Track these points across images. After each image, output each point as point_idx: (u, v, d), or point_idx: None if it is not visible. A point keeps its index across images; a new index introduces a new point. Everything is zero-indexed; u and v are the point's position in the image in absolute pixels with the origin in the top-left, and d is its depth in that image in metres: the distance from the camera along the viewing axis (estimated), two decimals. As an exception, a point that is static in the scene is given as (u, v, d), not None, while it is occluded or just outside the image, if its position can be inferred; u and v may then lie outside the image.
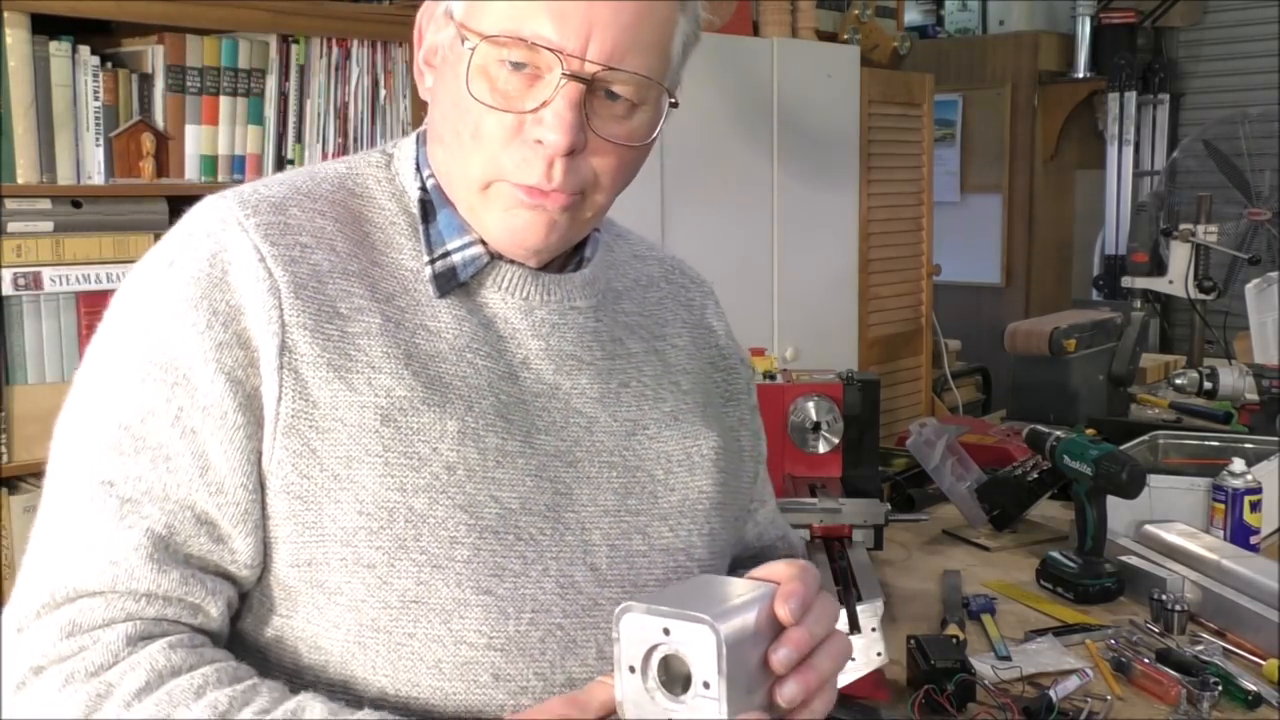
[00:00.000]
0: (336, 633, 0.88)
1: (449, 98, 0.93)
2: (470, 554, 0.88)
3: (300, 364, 0.88)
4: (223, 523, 0.86)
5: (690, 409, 1.04)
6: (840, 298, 3.87)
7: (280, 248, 0.90)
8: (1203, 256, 3.20)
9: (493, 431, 0.92)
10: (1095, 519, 1.83)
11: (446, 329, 0.94)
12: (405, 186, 0.99)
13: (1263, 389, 2.65)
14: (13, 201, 2.16)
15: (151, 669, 0.81)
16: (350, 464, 0.87)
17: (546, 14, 0.87)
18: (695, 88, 3.60)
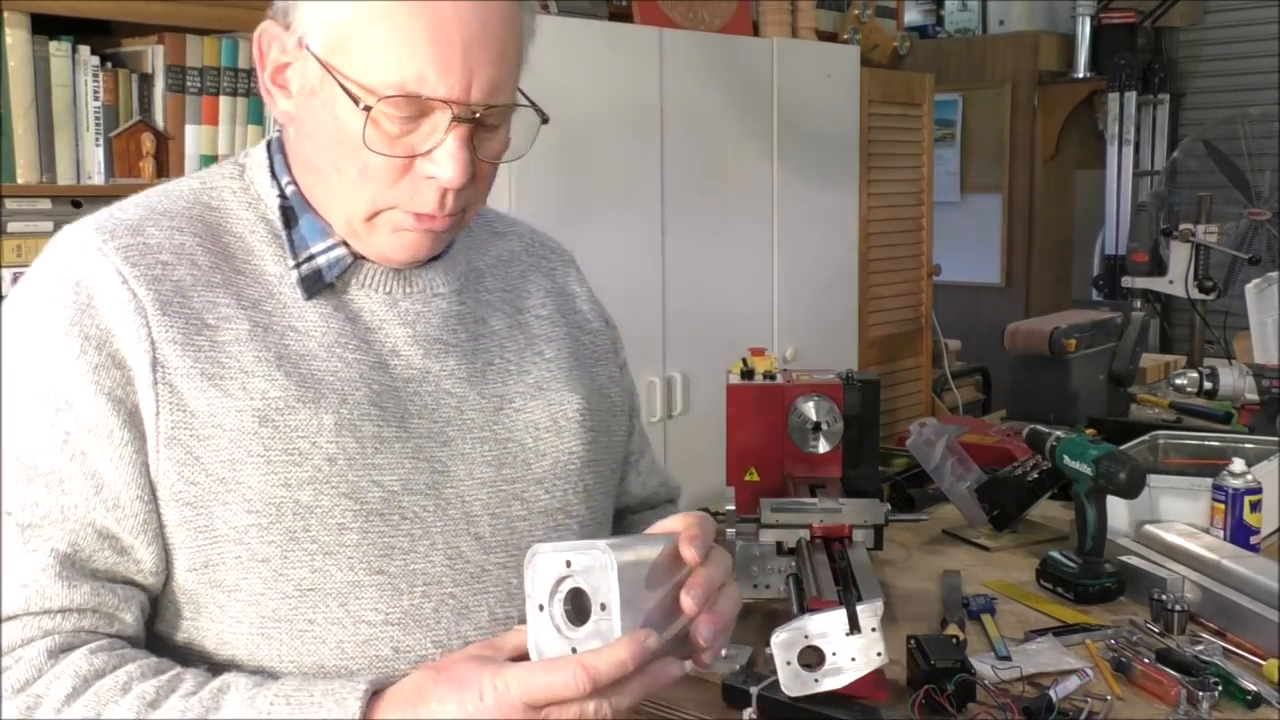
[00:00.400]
0: (240, 627, 0.93)
1: (326, 134, 0.95)
2: (359, 538, 0.94)
3: (174, 377, 0.92)
4: (123, 535, 0.91)
5: (554, 376, 1.10)
6: (840, 298, 3.87)
7: (140, 268, 0.94)
8: (1203, 256, 3.20)
9: (368, 420, 0.96)
10: (1095, 519, 1.83)
11: (314, 328, 0.98)
12: (261, 194, 1.02)
13: (1263, 389, 2.64)
14: (13, 201, 2.16)
15: (76, 675, 0.86)
16: (234, 466, 0.92)
17: (432, 67, 0.91)
18: (695, 88, 3.61)
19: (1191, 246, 3.19)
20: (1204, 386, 2.77)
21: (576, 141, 2.98)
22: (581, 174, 2.99)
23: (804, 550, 1.68)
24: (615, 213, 3.07)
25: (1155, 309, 4.59)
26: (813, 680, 1.34)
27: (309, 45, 0.95)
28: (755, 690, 1.43)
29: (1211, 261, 3.23)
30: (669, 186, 3.20)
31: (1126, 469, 1.78)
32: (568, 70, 2.93)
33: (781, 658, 1.34)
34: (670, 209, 3.21)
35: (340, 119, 0.94)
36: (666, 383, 3.24)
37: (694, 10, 3.37)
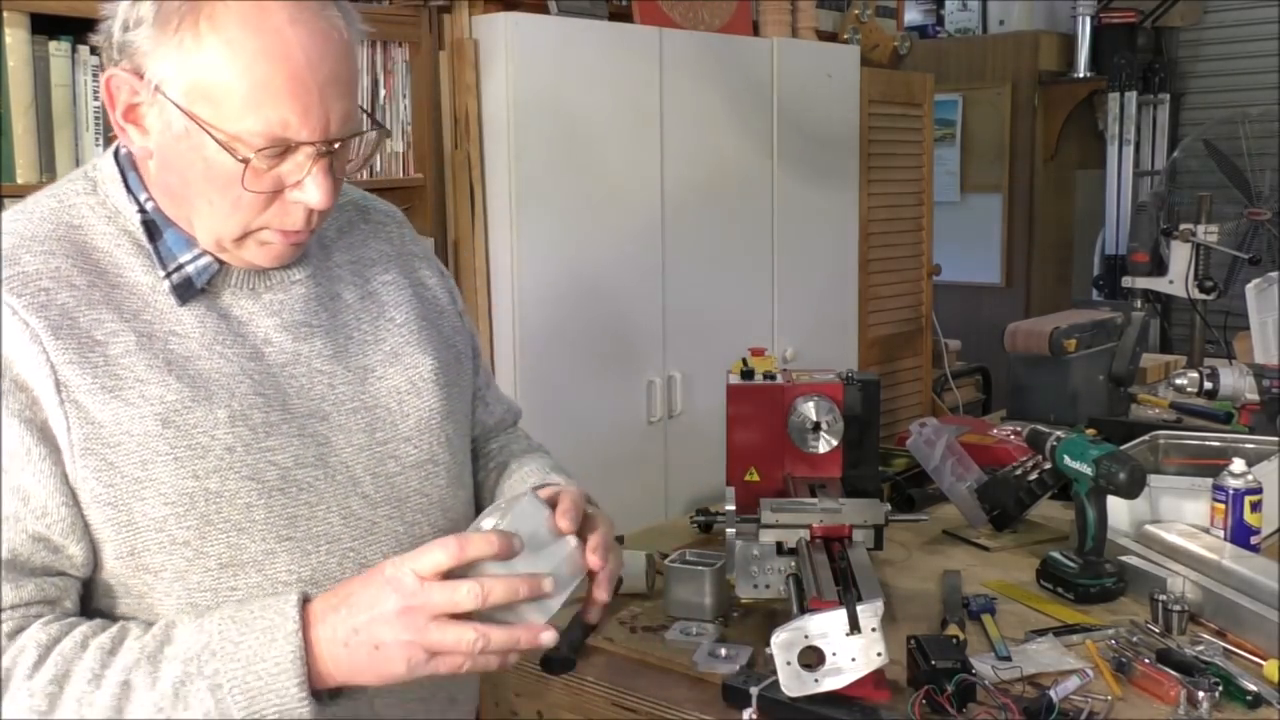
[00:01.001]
0: (169, 600, 1.05)
1: (195, 172, 1.04)
2: (266, 513, 1.06)
3: (77, 394, 1.01)
4: (54, 537, 1.01)
5: (406, 340, 1.22)
6: (840, 298, 3.87)
7: (25, 297, 1.02)
8: (1203, 256, 3.20)
9: (256, 409, 1.08)
10: (1095, 519, 1.83)
11: (192, 330, 1.08)
12: (120, 208, 1.10)
13: (1263, 389, 2.64)
14: (13, 201, 2.16)
15: (37, 645, 0.97)
16: (145, 466, 1.02)
17: (294, 115, 1.01)
18: (695, 88, 3.61)
19: (1191, 246, 3.19)
20: (1204, 386, 2.77)
21: (576, 141, 2.98)
22: (581, 174, 2.99)
23: (804, 550, 1.68)
24: (615, 212, 3.07)
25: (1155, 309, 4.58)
26: (813, 680, 1.34)
27: (166, 93, 1.03)
28: (755, 690, 1.43)
29: (1211, 261, 3.23)
30: (669, 186, 3.20)
31: (1126, 469, 1.78)
32: (568, 70, 2.93)
33: (781, 658, 1.34)
34: (670, 209, 3.21)
35: (209, 160, 1.02)
36: (666, 383, 3.24)
37: (694, 10, 3.37)
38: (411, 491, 1.17)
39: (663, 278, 3.20)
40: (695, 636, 1.66)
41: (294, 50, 1.01)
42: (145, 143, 1.07)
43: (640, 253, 3.15)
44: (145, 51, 1.03)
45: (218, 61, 1.00)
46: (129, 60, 1.05)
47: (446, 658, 0.99)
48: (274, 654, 0.97)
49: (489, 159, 2.90)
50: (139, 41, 1.04)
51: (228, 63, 1.00)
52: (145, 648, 0.98)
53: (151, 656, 0.98)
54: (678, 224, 3.23)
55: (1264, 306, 3.00)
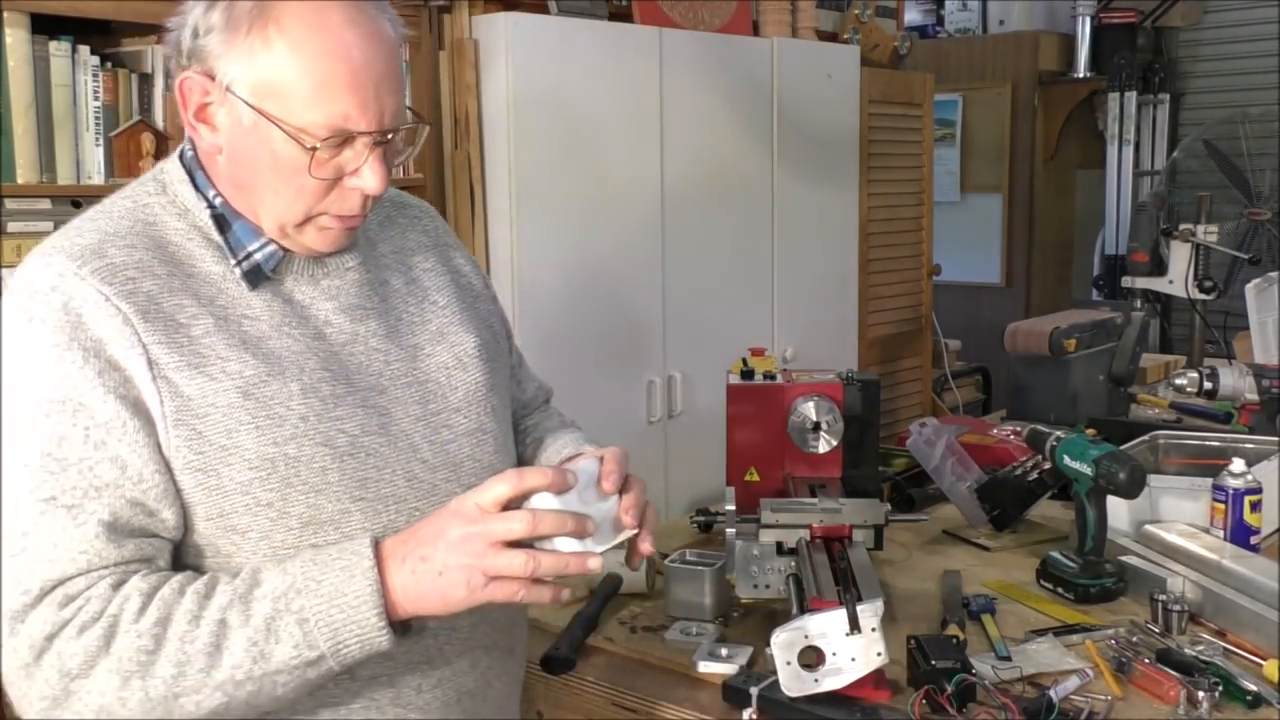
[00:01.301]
0: (255, 559, 1.13)
1: (263, 163, 1.15)
2: (339, 476, 1.16)
3: (167, 371, 1.11)
4: (149, 502, 1.10)
5: (449, 320, 1.33)
6: (840, 298, 3.87)
7: (115, 285, 1.12)
8: (1203, 256, 3.20)
9: (324, 383, 1.18)
10: (1095, 519, 1.83)
11: (262, 314, 1.18)
12: (189, 206, 1.20)
13: (1263, 389, 2.64)
14: (13, 201, 2.16)
15: (140, 592, 1.07)
16: (230, 435, 1.12)
17: (355, 106, 1.13)
18: (695, 88, 3.60)
19: (1191, 246, 3.19)
20: (1204, 386, 2.77)
21: (576, 141, 2.98)
22: (581, 174, 2.99)
23: (804, 550, 1.68)
24: (615, 212, 3.07)
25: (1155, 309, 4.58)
26: (813, 680, 1.34)
27: (236, 91, 1.13)
28: (755, 690, 1.43)
29: (1211, 261, 3.23)
30: (669, 186, 3.20)
31: (1126, 469, 1.78)
32: (568, 70, 2.93)
33: (781, 658, 1.34)
34: (670, 209, 3.21)
35: (276, 151, 1.13)
36: (667, 383, 3.24)
37: (694, 10, 3.37)
38: (465, 457, 1.27)
39: (663, 277, 3.20)
40: (695, 636, 1.66)
41: (352, 50, 1.12)
42: (215, 139, 1.17)
43: (640, 252, 3.15)
44: (217, 55, 1.13)
45: (284, 61, 1.11)
46: (200, 64, 1.14)
47: (502, 583, 1.09)
48: (354, 589, 1.07)
49: (489, 159, 2.90)
50: (211, 46, 1.13)
51: (293, 62, 1.11)
52: (237, 590, 1.08)
53: (243, 597, 1.07)
54: (678, 224, 3.23)
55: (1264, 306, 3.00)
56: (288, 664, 1.07)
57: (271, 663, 1.06)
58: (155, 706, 1.05)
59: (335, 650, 1.07)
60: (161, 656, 1.05)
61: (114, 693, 1.04)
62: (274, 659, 1.06)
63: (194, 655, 1.05)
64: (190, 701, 1.05)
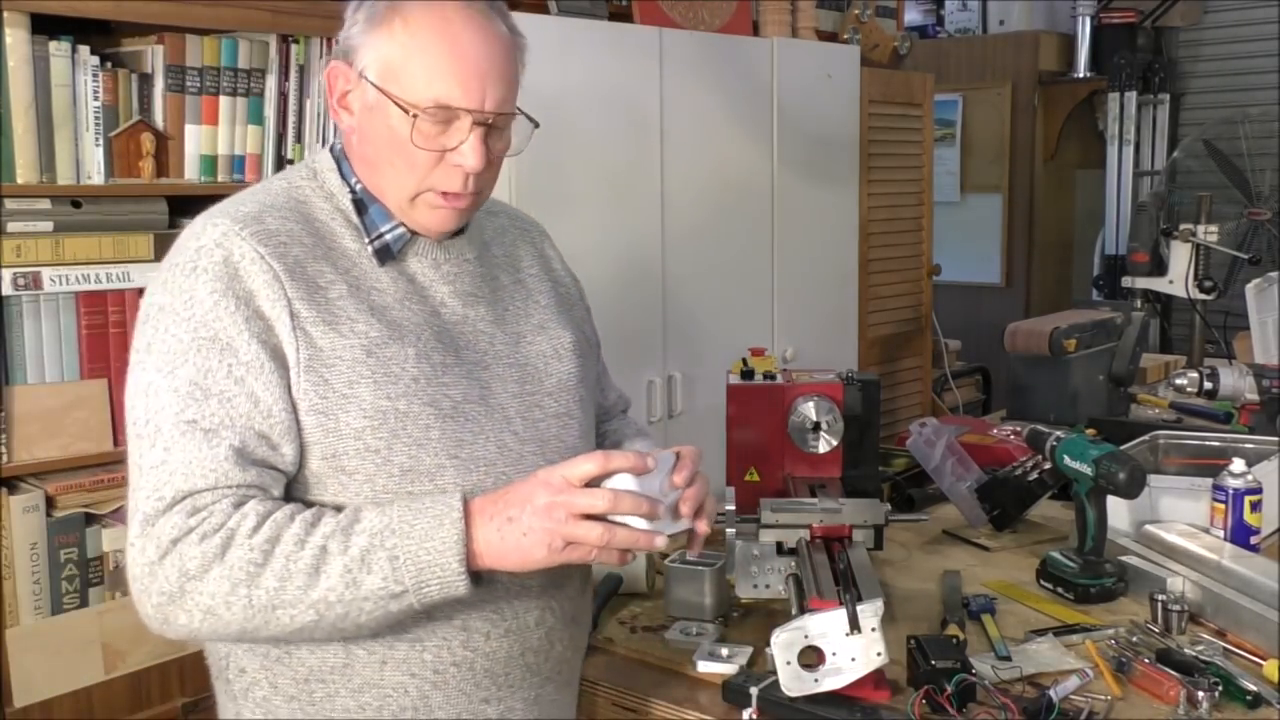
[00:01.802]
0: (359, 499, 1.26)
1: (382, 139, 1.31)
2: (440, 434, 1.30)
3: (305, 324, 1.26)
4: (274, 436, 1.25)
5: (550, 317, 1.49)
6: (840, 298, 3.87)
7: (270, 247, 1.28)
8: (1203, 256, 3.20)
9: (435, 351, 1.33)
10: (1095, 519, 1.83)
11: (388, 288, 1.34)
12: (334, 191, 1.37)
13: (1263, 389, 2.64)
14: (13, 201, 2.16)
15: (256, 514, 1.20)
16: (351, 385, 1.27)
17: (459, 85, 1.28)
18: (695, 88, 3.59)
19: (1191, 246, 3.19)
20: (1204, 386, 2.77)
21: (576, 141, 2.98)
22: (582, 174, 2.99)
23: (804, 550, 1.68)
24: (615, 212, 3.07)
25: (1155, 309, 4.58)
26: (813, 680, 1.34)
27: (367, 76, 1.30)
28: (755, 690, 1.43)
29: (1211, 261, 3.23)
30: (669, 186, 3.20)
31: (1126, 469, 1.78)
32: (568, 70, 2.93)
33: (781, 658, 1.34)
34: (670, 209, 3.21)
35: (393, 127, 1.29)
36: (667, 383, 3.24)
37: (694, 10, 3.37)
38: (551, 436, 1.40)
39: (663, 277, 3.20)
40: (695, 636, 1.66)
41: (462, 40, 1.28)
42: (351, 122, 1.34)
43: (640, 252, 3.15)
44: (357, 46, 1.32)
45: (403, 46, 1.28)
46: (345, 56, 1.33)
47: (578, 548, 1.21)
48: (441, 534, 1.20)
49: (489, 159, 2.89)
50: (354, 38, 1.32)
51: (410, 46, 1.28)
52: (340, 523, 1.21)
53: (345, 529, 1.20)
54: (677, 224, 3.23)
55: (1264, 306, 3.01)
56: (375, 593, 1.19)
57: (361, 590, 1.18)
58: (255, 614, 1.18)
59: (418, 588, 1.19)
60: (267, 570, 1.18)
61: (223, 596, 1.17)
62: (364, 587, 1.18)
63: (295, 573, 1.18)
64: (286, 615, 1.19)
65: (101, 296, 2.25)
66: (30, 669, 2.19)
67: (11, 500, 2.17)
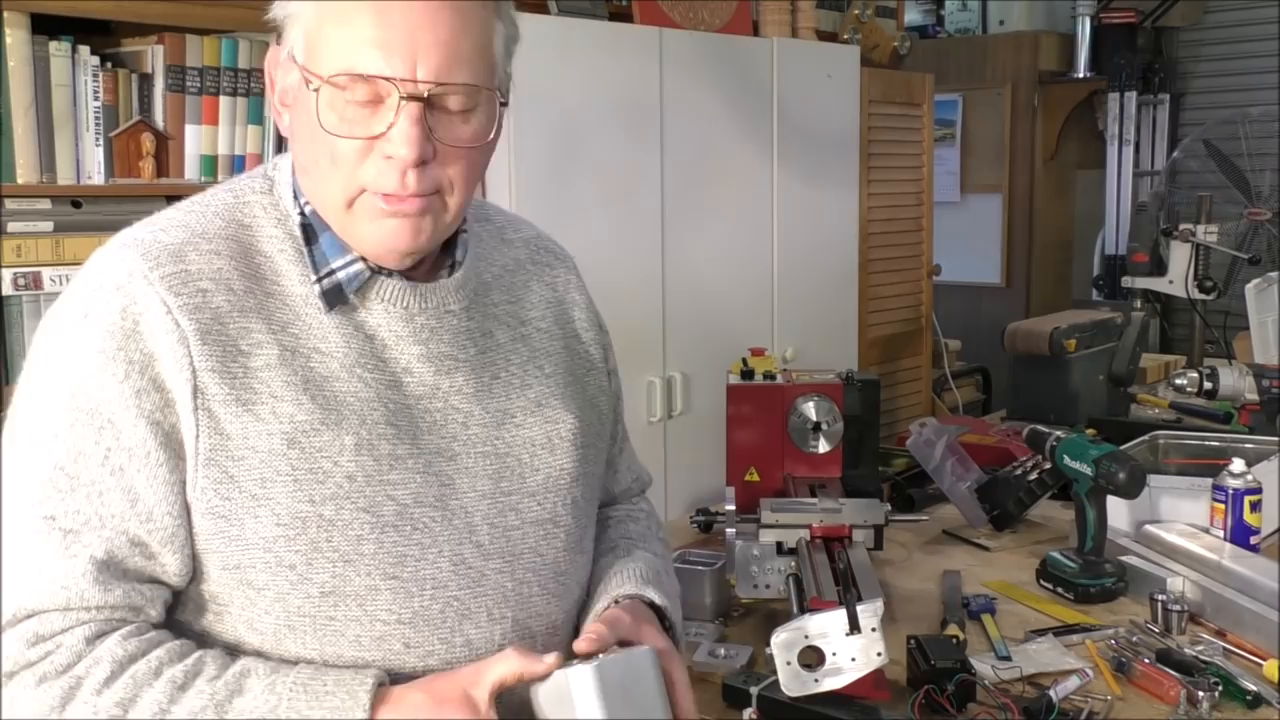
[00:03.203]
0: (268, 618, 1.02)
1: (305, 132, 1.03)
2: (375, 548, 1.03)
3: (212, 403, 1.00)
4: (153, 544, 0.99)
5: (551, 392, 1.18)
6: (840, 298, 3.87)
7: (183, 297, 1.01)
8: (1203, 256, 3.20)
9: (384, 439, 1.05)
10: (1095, 519, 1.83)
11: (336, 349, 1.06)
12: (288, 210, 1.09)
13: (1263, 389, 2.64)
14: (13, 201, 2.15)
15: (113, 659, 0.95)
16: (264, 484, 1.00)
17: (376, 48, 0.99)
18: (695, 88, 3.59)
19: (1191, 246, 3.19)
20: (1204, 386, 2.77)
21: (577, 141, 2.98)
22: (581, 174, 2.99)
23: (804, 550, 1.68)
24: (615, 213, 3.07)
25: (1155, 309, 4.58)
26: (813, 680, 1.34)
27: (295, 58, 1.03)
28: (755, 690, 1.43)
29: (1211, 261, 3.23)
30: (669, 186, 3.20)
31: (1126, 469, 1.78)
32: (568, 70, 2.93)
33: (781, 658, 1.34)
34: (670, 209, 3.21)
35: (311, 113, 1.01)
36: (666, 383, 3.24)
37: (694, 10, 3.37)
38: (527, 549, 1.12)
39: (662, 277, 3.20)
40: (695, 636, 1.66)
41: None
42: (288, 120, 1.08)
43: (640, 253, 3.15)
44: (285, 23, 1.06)
45: (320, 9, 1.02)
46: (280, 40, 1.06)
47: None
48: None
49: (489, 159, 2.89)
50: (278, 12, 1.06)
51: (327, 9, 1.01)
52: (215, 695, 0.96)
53: (219, 706, 0.95)
54: (677, 224, 3.23)
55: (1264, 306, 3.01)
56: None
57: None
58: None
59: None
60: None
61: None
62: None
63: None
64: None
65: (101, 296, 2.25)
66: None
67: (11, 500, 2.17)
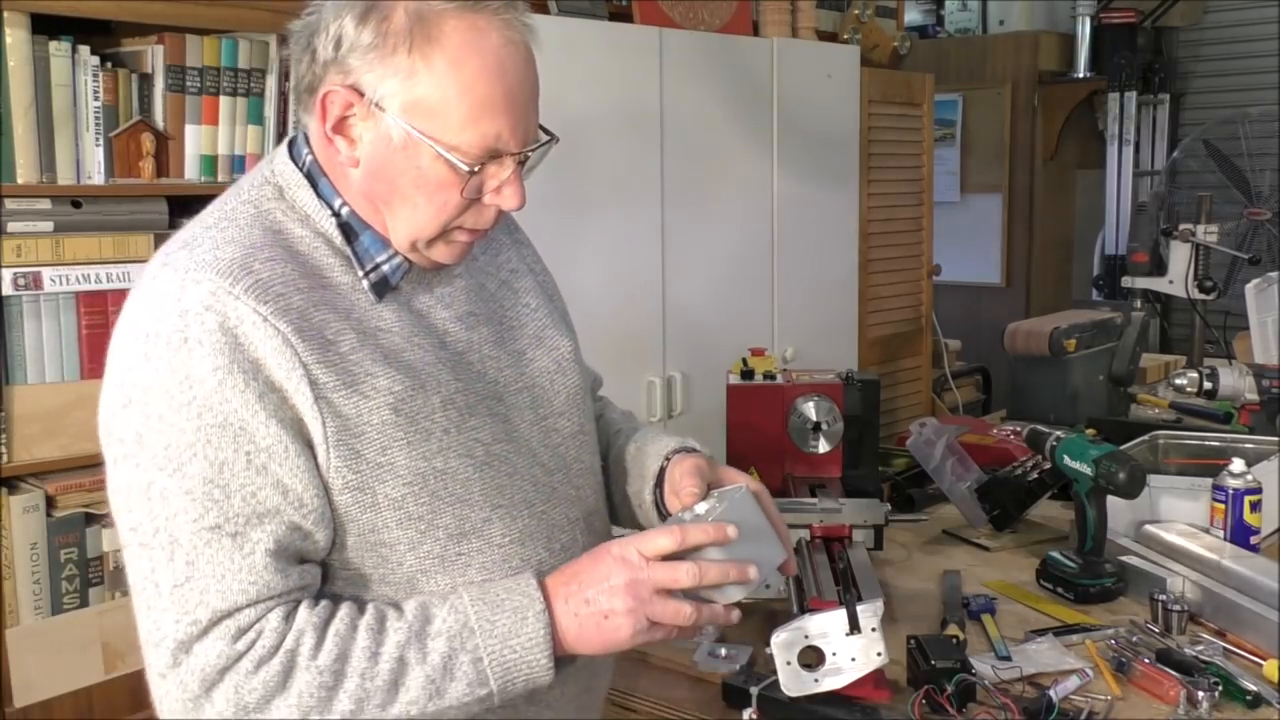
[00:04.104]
0: (400, 569, 1.15)
1: (407, 180, 1.14)
2: (481, 485, 1.18)
3: (326, 392, 1.10)
4: (307, 525, 1.11)
5: (544, 323, 1.34)
6: (840, 298, 3.87)
7: (270, 304, 1.09)
8: (1203, 256, 3.20)
9: (458, 393, 1.19)
10: (1095, 519, 1.83)
11: (393, 325, 1.18)
12: (310, 213, 1.18)
13: (1263, 389, 2.64)
14: (13, 201, 2.16)
15: (314, 627, 1.08)
16: (384, 451, 1.13)
17: (507, 129, 1.13)
18: (695, 88, 3.59)
19: (1191, 246, 3.19)
20: (1204, 386, 2.77)
21: (576, 141, 2.97)
22: (582, 174, 2.99)
23: (804, 550, 1.68)
24: (615, 213, 3.07)
25: (1155, 309, 4.58)
26: (813, 680, 1.34)
27: (386, 108, 1.12)
28: (755, 690, 1.43)
29: (1211, 261, 3.23)
30: (669, 186, 3.20)
31: (1126, 469, 1.78)
32: (568, 70, 2.93)
33: (781, 658, 1.34)
34: (670, 209, 3.21)
35: (424, 170, 1.13)
36: (666, 383, 3.24)
37: (694, 10, 3.37)
38: (573, 459, 1.30)
39: (663, 278, 3.20)
40: (695, 637, 1.66)
41: (508, 70, 1.13)
42: (352, 153, 1.16)
43: (640, 253, 3.15)
44: (366, 70, 1.12)
45: (442, 81, 1.11)
46: (343, 76, 1.13)
47: (662, 627, 1.14)
48: (527, 631, 1.11)
49: (489, 159, 2.89)
50: (358, 63, 1.12)
51: (451, 83, 1.11)
52: (411, 627, 1.10)
53: (418, 635, 1.10)
54: (677, 224, 3.23)
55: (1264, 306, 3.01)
56: (459, 699, 1.10)
57: (445, 699, 1.10)
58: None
59: (503, 687, 1.12)
60: (341, 693, 1.07)
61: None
62: (448, 695, 1.10)
63: (373, 692, 1.08)
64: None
65: (102, 296, 2.25)
66: (30, 669, 2.19)
67: (11, 500, 2.17)
